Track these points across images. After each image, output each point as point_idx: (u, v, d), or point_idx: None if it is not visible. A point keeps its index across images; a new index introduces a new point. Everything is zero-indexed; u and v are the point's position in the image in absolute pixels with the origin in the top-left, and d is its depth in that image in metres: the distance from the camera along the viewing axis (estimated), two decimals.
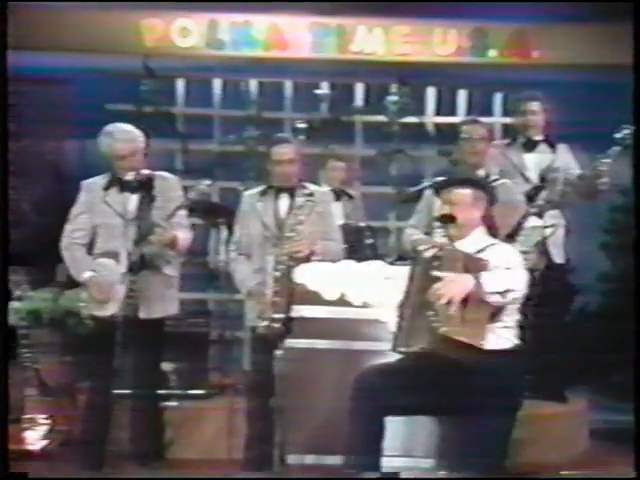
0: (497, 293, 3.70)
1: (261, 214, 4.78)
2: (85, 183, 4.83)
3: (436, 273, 3.74)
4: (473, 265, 3.76)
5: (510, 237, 4.59)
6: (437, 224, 4.17)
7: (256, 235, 4.78)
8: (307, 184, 4.89)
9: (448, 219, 3.97)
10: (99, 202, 4.71)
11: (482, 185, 4.14)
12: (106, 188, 4.72)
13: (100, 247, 4.72)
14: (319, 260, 4.60)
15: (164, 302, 4.75)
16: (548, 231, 5.17)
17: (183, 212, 4.78)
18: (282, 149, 4.79)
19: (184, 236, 4.75)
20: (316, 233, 4.73)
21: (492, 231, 4.08)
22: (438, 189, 4.25)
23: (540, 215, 5.19)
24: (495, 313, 3.78)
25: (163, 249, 4.66)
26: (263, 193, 4.85)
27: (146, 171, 4.69)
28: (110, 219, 4.69)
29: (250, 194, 4.91)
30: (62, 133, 7.18)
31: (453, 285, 3.69)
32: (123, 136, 4.71)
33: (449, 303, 3.66)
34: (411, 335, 3.80)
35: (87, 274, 4.63)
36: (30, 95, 6.90)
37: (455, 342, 3.67)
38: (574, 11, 6.65)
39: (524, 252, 4.59)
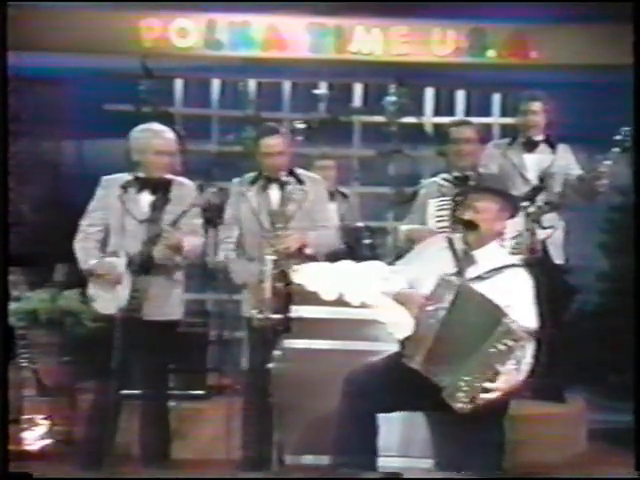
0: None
1: (252, 203, 4.72)
2: (104, 179, 4.78)
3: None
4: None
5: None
6: (457, 226, 4.07)
7: (247, 224, 4.72)
8: (298, 170, 4.81)
9: (470, 226, 3.91)
10: (115, 200, 4.63)
11: (510, 198, 4.07)
12: (124, 187, 4.62)
13: (112, 245, 4.66)
14: (314, 251, 4.59)
15: (170, 305, 4.72)
16: (541, 233, 5.16)
17: (197, 218, 4.76)
18: (271, 140, 4.71)
19: (191, 241, 4.68)
20: (307, 225, 4.67)
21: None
22: (465, 192, 4.17)
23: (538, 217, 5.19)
24: None
25: (170, 252, 4.61)
26: (253, 182, 4.78)
27: (168, 175, 4.69)
28: (124, 218, 4.59)
29: (240, 181, 4.83)
30: (60, 133, 7.18)
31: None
32: (164, 134, 4.70)
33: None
34: (432, 368, 3.70)
35: (94, 261, 4.58)
36: (29, 95, 6.89)
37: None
38: (573, 11, 6.65)
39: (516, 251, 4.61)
